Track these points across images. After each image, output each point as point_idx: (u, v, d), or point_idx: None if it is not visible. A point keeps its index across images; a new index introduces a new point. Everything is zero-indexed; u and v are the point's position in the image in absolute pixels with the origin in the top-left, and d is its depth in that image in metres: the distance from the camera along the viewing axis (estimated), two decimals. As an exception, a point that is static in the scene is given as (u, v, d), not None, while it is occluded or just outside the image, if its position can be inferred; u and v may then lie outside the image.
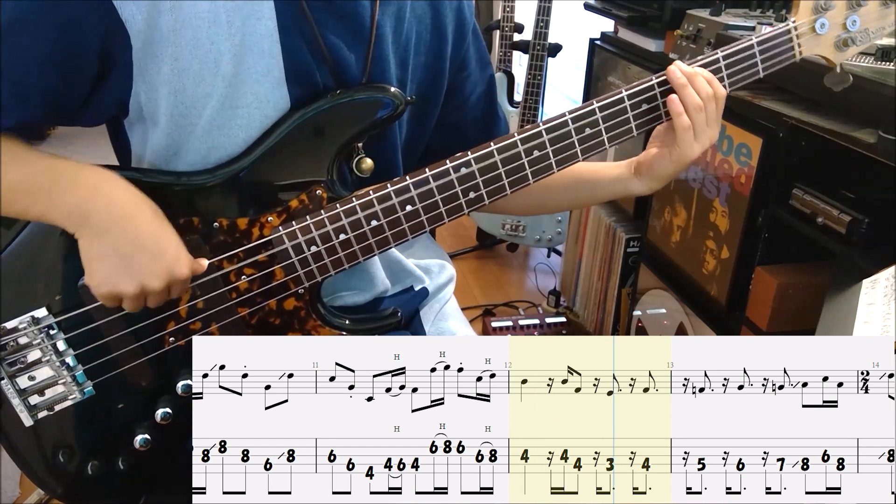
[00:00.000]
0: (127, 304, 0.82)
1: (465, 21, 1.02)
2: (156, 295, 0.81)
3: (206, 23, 0.82)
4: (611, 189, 1.02)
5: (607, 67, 2.17)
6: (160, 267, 0.80)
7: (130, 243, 0.79)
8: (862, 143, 1.14)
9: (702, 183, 1.60)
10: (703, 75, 0.89)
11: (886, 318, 0.93)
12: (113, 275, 0.79)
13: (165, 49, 0.81)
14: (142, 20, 0.79)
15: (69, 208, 0.79)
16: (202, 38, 0.82)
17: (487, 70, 1.09)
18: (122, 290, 0.79)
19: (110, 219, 0.79)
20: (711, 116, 0.90)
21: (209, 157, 0.87)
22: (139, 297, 0.81)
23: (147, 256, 0.79)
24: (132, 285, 0.79)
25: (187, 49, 0.82)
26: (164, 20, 0.80)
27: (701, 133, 0.90)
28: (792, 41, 0.92)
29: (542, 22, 2.60)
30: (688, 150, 0.91)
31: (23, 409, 0.86)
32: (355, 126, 0.88)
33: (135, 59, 0.81)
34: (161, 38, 0.81)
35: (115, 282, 0.79)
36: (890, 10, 0.93)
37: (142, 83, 0.83)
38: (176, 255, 0.81)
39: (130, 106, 0.85)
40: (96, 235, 0.79)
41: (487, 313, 2.62)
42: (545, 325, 2.41)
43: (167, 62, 0.82)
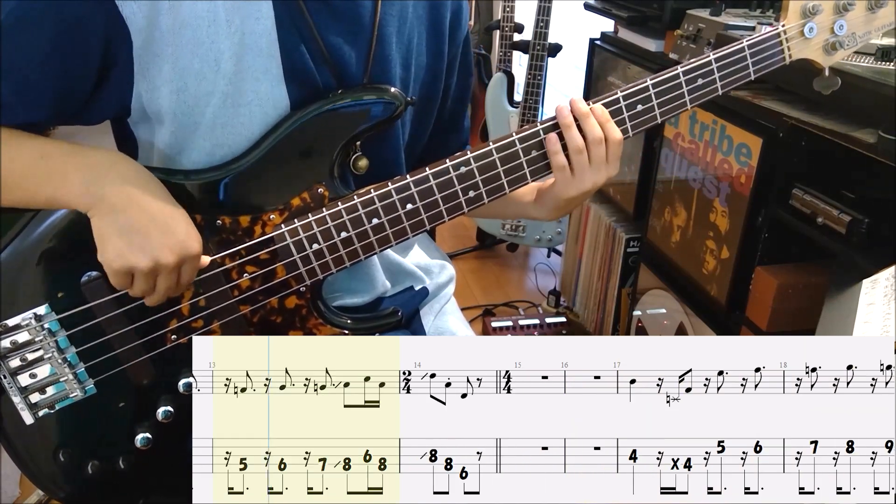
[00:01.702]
0: (139, 282, 0.81)
1: (460, 25, 1.03)
2: (167, 273, 0.81)
3: (205, 22, 0.82)
4: (515, 209, 1.02)
5: (607, 67, 2.17)
6: (173, 241, 0.80)
7: (144, 219, 0.79)
8: (862, 143, 1.14)
9: (702, 183, 1.60)
10: (598, 116, 0.87)
11: (886, 318, 0.93)
12: (126, 250, 0.79)
13: (166, 48, 0.82)
14: (142, 18, 0.80)
15: (84, 187, 0.79)
16: (202, 37, 0.82)
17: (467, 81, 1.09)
18: (134, 264, 0.79)
19: (124, 195, 0.79)
20: (597, 160, 0.88)
21: (214, 155, 0.87)
22: (151, 274, 0.80)
23: (160, 231, 0.79)
24: (145, 260, 0.79)
25: (188, 48, 0.82)
26: (164, 19, 0.81)
27: (581, 174, 0.88)
28: (782, 45, 0.92)
29: (542, 22, 2.60)
30: (563, 189, 0.90)
31: (24, 406, 0.86)
32: (356, 126, 0.89)
33: (136, 57, 0.82)
34: (161, 38, 0.81)
35: (128, 257, 0.79)
36: (876, 15, 0.94)
37: (143, 82, 0.83)
38: (187, 231, 0.82)
39: (133, 105, 0.86)
40: (110, 212, 0.79)
41: (487, 313, 2.62)
42: (545, 325, 2.41)
43: (168, 61, 0.82)
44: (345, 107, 0.88)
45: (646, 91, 0.89)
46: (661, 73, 0.89)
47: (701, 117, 1.59)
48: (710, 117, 1.55)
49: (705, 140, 1.58)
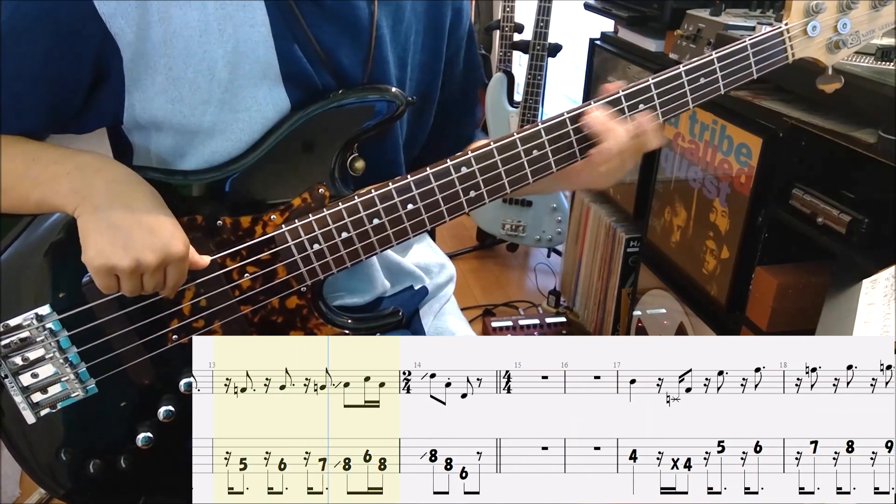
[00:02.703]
0: (124, 282, 0.81)
1: (461, 24, 1.03)
2: (151, 273, 0.80)
3: (196, 32, 0.82)
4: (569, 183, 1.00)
5: (607, 67, 2.17)
6: (156, 242, 0.79)
7: (127, 218, 0.79)
8: (862, 143, 1.14)
9: (702, 183, 1.60)
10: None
11: (886, 318, 0.93)
12: (108, 248, 0.78)
13: (158, 59, 0.82)
14: (131, 33, 0.80)
15: (71, 189, 0.80)
16: (194, 47, 0.82)
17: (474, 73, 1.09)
18: (115, 262, 0.79)
19: (110, 195, 0.79)
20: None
21: (213, 159, 0.88)
22: (134, 273, 0.80)
23: (143, 231, 0.79)
24: (126, 259, 0.78)
25: (180, 59, 0.82)
26: (154, 31, 0.81)
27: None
28: (785, 43, 0.92)
29: (542, 22, 2.61)
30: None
31: (25, 406, 0.86)
32: (356, 127, 0.89)
33: (126, 70, 0.82)
34: (153, 49, 0.81)
35: (110, 255, 0.78)
36: (879, 14, 0.94)
37: (136, 93, 0.84)
38: (172, 232, 0.81)
39: (125, 116, 0.86)
40: (95, 210, 0.79)
41: (487, 313, 2.63)
42: (545, 325, 2.41)
43: (161, 72, 0.83)
44: (346, 106, 0.88)
45: (647, 91, 0.89)
46: (663, 72, 0.89)
47: (701, 117, 1.59)
48: (710, 117, 1.55)
49: (705, 140, 1.58)
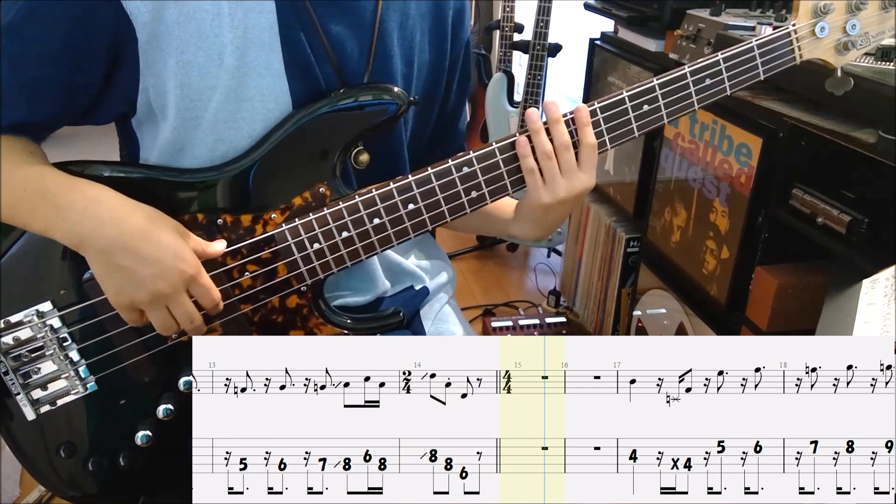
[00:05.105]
0: (151, 315, 0.83)
1: (463, 24, 1.03)
2: (174, 299, 0.82)
3: (209, 15, 0.83)
4: (495, 226, 1.00)
5: (607, 67, 2.17)
6: (164, 271, 0.80)
7: (129, 258, 0.79)
8: (862, 143, 1.14)
9: (702, 183, 1.60)
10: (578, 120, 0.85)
11: (886, 318, 0.94)
12: (123, 288, 0.81)
13: (171, 42, 0.82)
14: (147, 13, 0.80)
15: (65, 231, 0.80)
16: (206, 30, 0.83)
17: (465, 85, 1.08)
18: (136, 299, 0.81)
19: (103, 239, 0.79)
20: (567, 165, 0.86)
21: (215, 151, 0.88)
22: (156, 304, 0.81)
23: (146, 265, 0.80)
24: (143, 294, 0.80)
25: (192, 42, 0.83)
26: (169, 13, 0.81)
27: (552, 180, 0.86)
28: (792, 44, 0.91)
29: (542, 22, 2.61)
30: (536, 196, 0.87)
31: (26, 402, 0.86)
32: (358, 127, 0.89)
33: (141, 52, 0.82)
34: (166, 32, 0.82)
35: (128, 294, 0.81)
36: (889, 14, 0.93)
37: (149, 77, 0.84)
38: (175, 254, 0.81)
39: (139, 101, 0.86)
40: (97, 254, 0.80)
41: (487, 313, 2.62)
42: (545, 325, 2.41)
43: (173, 55, 0.83)
44: (347, 107, 0.88)
45: (652, 91, 0.88)
46: (668, 73, 0.88)
47: (701, 117, 1.59)
48: (710, 117, 1.55)
49: (705, 140, 1.58)
